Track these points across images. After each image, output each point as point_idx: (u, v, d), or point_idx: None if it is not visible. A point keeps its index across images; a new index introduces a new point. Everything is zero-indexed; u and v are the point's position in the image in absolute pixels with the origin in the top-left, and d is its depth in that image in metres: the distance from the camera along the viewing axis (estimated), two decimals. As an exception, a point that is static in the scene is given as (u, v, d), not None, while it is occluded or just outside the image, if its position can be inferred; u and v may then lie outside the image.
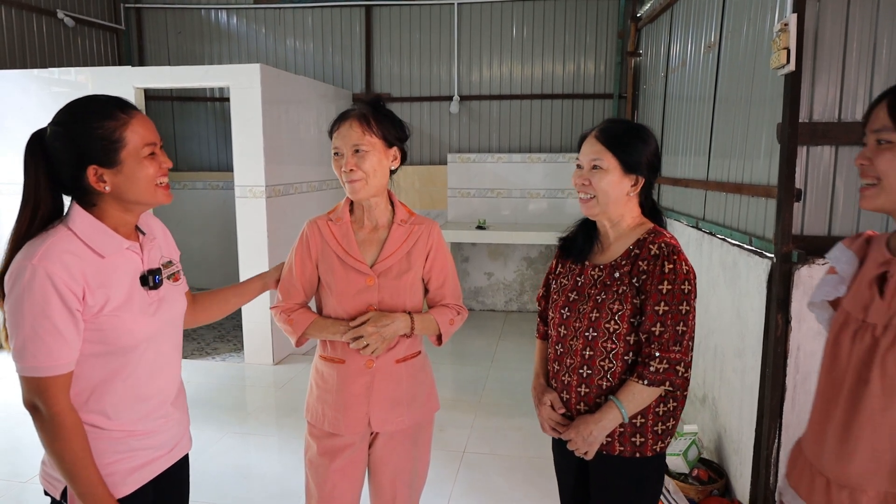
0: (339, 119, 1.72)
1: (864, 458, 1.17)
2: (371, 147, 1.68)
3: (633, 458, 1.60)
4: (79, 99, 1.32)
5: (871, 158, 1.15)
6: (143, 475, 1.40)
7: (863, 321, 1.19)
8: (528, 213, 6.11)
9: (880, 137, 1.14)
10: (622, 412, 1.55)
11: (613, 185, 1.58)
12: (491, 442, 3.49)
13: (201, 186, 6.63)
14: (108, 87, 4.45)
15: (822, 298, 1.32)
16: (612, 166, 1.58)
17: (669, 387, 1.54)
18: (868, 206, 1.18)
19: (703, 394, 3.28)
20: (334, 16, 6.22)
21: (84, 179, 1.29)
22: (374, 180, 1.70)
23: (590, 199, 1.61)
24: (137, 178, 1.32)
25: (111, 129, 1.28)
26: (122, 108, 1.31)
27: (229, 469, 3.19)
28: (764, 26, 2.71)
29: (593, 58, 5.96)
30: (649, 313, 1.53)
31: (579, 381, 1.61)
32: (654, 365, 1.52)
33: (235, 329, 5.45)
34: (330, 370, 1.79)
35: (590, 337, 1.59)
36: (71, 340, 1.26)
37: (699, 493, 2.74)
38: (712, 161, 3.39)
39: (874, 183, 1.16)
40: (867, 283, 1.21)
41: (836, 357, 1.23)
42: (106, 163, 1.29)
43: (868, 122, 1.18)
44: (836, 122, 2.33)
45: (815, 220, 2.39)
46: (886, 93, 1.16)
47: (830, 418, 1.23)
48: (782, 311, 2.36)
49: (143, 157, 1.32)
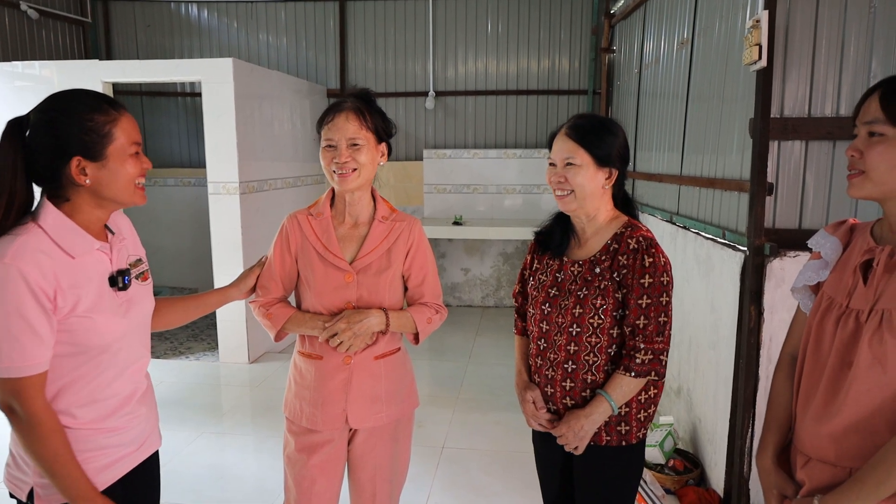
0: (332, 110, 1.69)
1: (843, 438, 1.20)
2: (366, 141, 1.68)
3: (619, 446, 1.63)
4: (65, 91, 1.31)
5: (861, 150, 1.17)
6: (113, 473, 1.38)
7: (846, 307, 1.22)
8: (504, 209, 6.13)
9: (872, 129, 1.15)
10: (612, 405, 1.57)
11: (589, 180, 1.60)
12: (470, 436, 3.49)
13: (173, 183, 6.51)
14: (75, 82, 4.34)
15: (805, 283, 1.35)
16: (586, 161, 1.59)
17: (654, 376, 1.57)
18: (856, 194, 1.20)
19: (678, 385, 3.33)
20: (307, 10, 6.15)
21: (65, 170, 1.26)
22: (365, 174, 1.70)
23: (567, 194, 1.62)
24: (119, 175, 1.30)
25: (101, 122, 1.28)
26: (111, 105, 1.31)
27: (204, 469, 3.14)
28: (736, 23, 2.75)
29: (568, 54, 5.99)
30: (633, 307, 1.55)
31: (564, 375, 1.63)
32: (639, 357, 1.55)
33: (210, 328, 5.37)
34: (308, 366, 1.77)
35: (573, 332, 1.60)
36: (46, 339, 1.23)
37: (675, 483, 2.78)
38: (686, 156, 3.44)
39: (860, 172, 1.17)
40: (851, 270, 1.24)
41: (819, 340, 1.26)
42: (91, 156, 1.27)
43: (859, 113, 1.19)
44: (807, 118, 2.38)
45: (787, 213, 2.44)
46: (878, 85, 1.17)
47: (811, 399, 1.26)
48: (755, 303, 2.41)
49: (128, 154, 1.31)
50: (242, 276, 1.80)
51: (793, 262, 2.34)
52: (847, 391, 1.18)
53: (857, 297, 1.20)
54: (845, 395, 1.18)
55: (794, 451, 1.33)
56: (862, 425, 1.17)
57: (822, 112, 2.37)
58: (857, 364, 1.16)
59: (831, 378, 1.22)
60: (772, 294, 2.38)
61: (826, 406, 1.22)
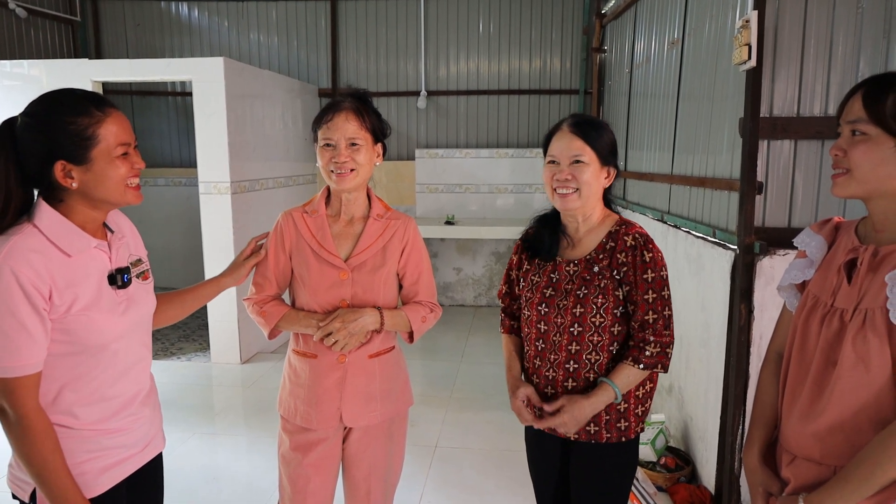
0: (330, 110, 1.69)
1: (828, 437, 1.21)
2: (364, 141, 1.69)
3: (618, 442, 1.64)
4: (53, 91, 1.28)
5: (845, 149, 1.17)
6: (116, 474, 1.37)
7: (831, 306, 1.23)
8: (496, 208, 6.14)
9: (856, 128, 1.16)
10: (616, 392, 1.58)
11: (595, 178, 1.61)
12: (463, 436, 3.50)
13: (163, 183, 6.48)
14: (65, 81, 4.31)
15: (791, 282, 1.36)
16: (593, 159, 1.61)
17: (661, 368, 1.59)
18: (840, 193, 1.21)
19: (669, 384, 3.35)
20: (299, 9, 6.14)
21: (51, 174, 1.25)
22: (363, 174, 1.71)
23: (572, 192, 1.61)
24: (107, 177, 1.28)
25: (84, 125, 1.25)
26: (97, 105, 1.27)
27: (197, 470, 3.13)
28: (726, 23, 2.77)
29: (559, 54, 6.01)
30: (640, 303, 1.57)
31: (566, 375, 1.63)
32: (649, 349, 1.57)
33: (201, 328, 5.35)
34: (302, 364, 1.78)
35: (575, 332, 1.61)
36: (39, 340, 1.22)
37: (667, 480, 2.80)
38: (676, 156, 3.46)
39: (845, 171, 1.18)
40: (835, 269, 1.25)
41: (805, 339, 1.27)
42: (75, 159, 1.25)
43: (842, 112, 1.20)
44: (795, 117, 2.40)
45: (776, 212, 2.46)
46: (861, 84, 1.18)
47: (797, 397, 1.27)
48: (745, 301, 2.43)
49: (115, 156, 1.29)
50: (235, 265, 1.79)
51: (782, 260, 2.36)
52: (832, 390, 1.19)
53: (841, 296, 1.21)
54: (830, 395, 1.19)
55: (779, 449, 1.35)
56: (846, 424, 1.18)
57: (810, 112, 2.40)
58: (841, 363, 1.17)
59: (816, 377, 1.23)
60: (762, 292, 2.40)
61: (811, 405, 1.23)
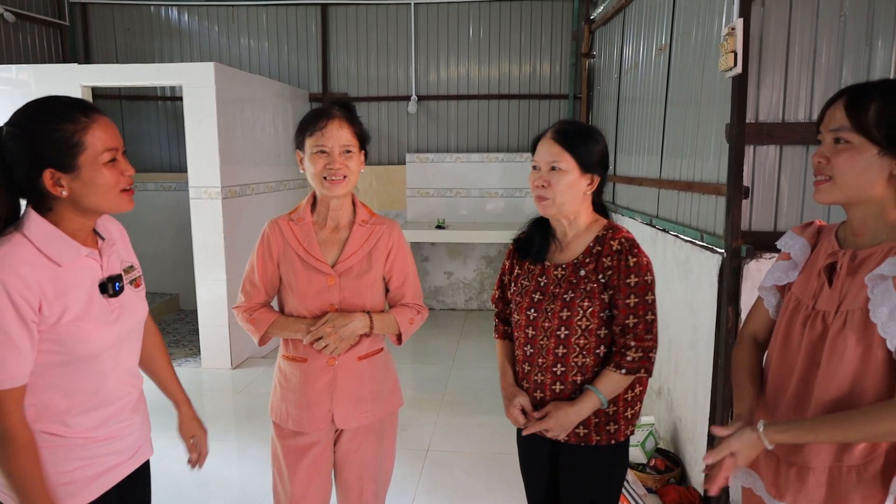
0: (321, 117, 1.71)
1: None
2: (355, 148, 1.73)
3: (608, 445, 1.66)
4: (39, 99, 1.27)
5: (828, 157, 1.19)
6: (106, 481, 1.37)
7: (813, 308, 1.25)
8: (487, 213, 6.16)
9: (839, 136, 1.17)
10: (601, 399, 1.60)
11: (572, 185, 1.62)
12: (454, 439, 3.51)
13: (153, 188, 6.45)
14: (53, 86, 4.29)
15: (773, 283, 1.38)
16: (571, 167, 1.62)
17: (644, 373, 1.61)
18: (823, 199, 1.22)
19: (658, 386, 3.37)
20: (289, 14, 6.14)
21: (39, 183, 1.24)
22: (353, 180, 1.75)
23: (547, 198, 1.64)
24: (96, 184, 1.26)
25: (69, 132, 1.23)
26: (83, 111, 1.26)
27: (188, 476, 3.11)
28: (712, 30, 2.81)
29: (548, 59, 6.05)
30: (622, 307, 1.59)
31: (553, 379, 1.65)
32: (630, 354, 1.59)
33: (192, 333, 5.33)
34: (293, 369, 1.79)
35: (562, 335, 1.63)
36: (25, 353, 1.20)
37: (657, 481, 2.82)
38: (665, 160, 3.49)
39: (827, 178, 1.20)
40: (816, 272, 1.27)
41: (787, 341, 1.29)
42: (62, 167, 1.23)
43: (823, 120, 1.21)
44: (780, 123, 2.44)
45: (762, 216, 2.50)
46: (842, 92, 1.19)
47: (781, 399, 1.29)
48: (733, 304, 2.45)
49: (101, 163, 1.27)
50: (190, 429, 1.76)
51: (768, 263, 2.39)
52: (815, 392, 1.21)
53: (822, 298, 1.23)
54: (814, 395, 1.22)
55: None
56: None
57: (795, 117, 2.43)
58: (824, 364, 1.20)
59: (801, 379, 1.25)
60: (748, 295, 2.42)
61: (796, 406, 1.26)
